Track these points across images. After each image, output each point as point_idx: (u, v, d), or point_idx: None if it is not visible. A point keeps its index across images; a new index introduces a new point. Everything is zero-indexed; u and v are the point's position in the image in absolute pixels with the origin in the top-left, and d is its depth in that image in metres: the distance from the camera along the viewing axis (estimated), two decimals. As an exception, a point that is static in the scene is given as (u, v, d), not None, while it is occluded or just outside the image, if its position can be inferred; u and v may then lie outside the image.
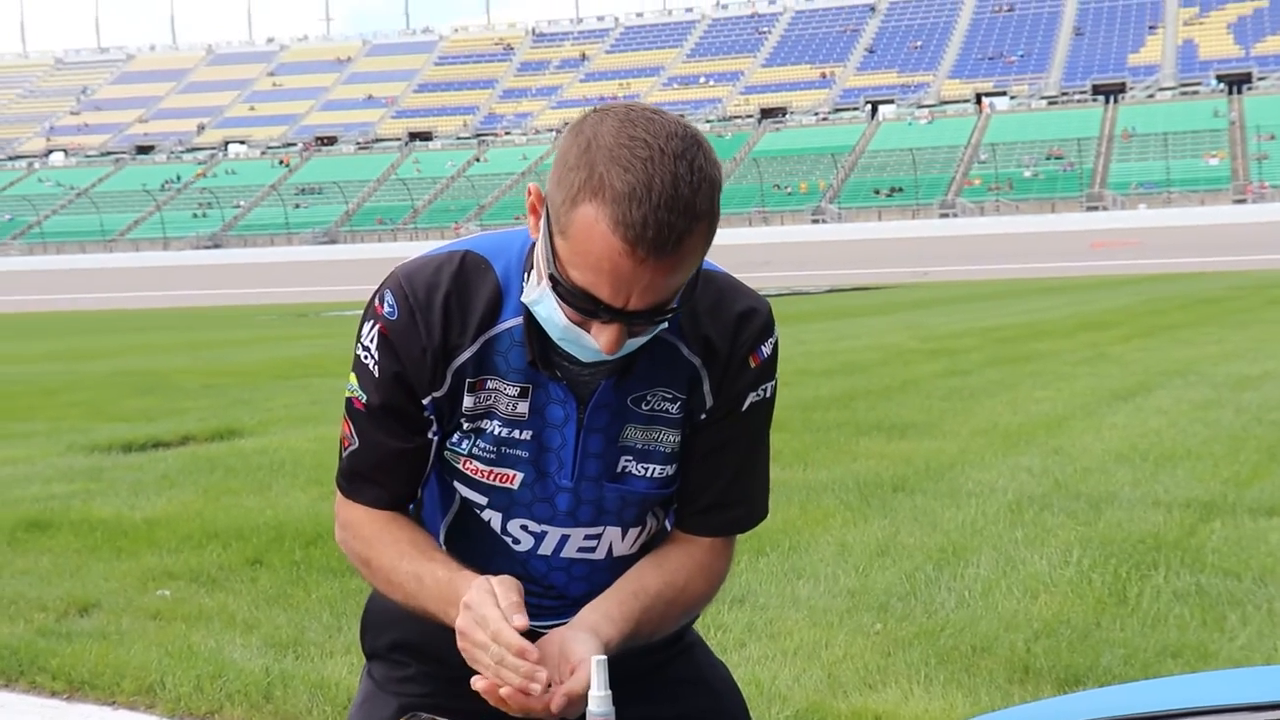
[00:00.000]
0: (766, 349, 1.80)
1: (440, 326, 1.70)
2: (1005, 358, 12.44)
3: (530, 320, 1.70)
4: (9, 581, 5.16)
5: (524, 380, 1.73)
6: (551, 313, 1.59)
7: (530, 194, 1.61)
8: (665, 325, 1.63)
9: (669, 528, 1.92)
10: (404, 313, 1.70)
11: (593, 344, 1.59)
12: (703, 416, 1.80)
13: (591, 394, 1.74)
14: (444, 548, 1.84)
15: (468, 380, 1.73)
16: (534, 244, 1.69)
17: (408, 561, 1.74)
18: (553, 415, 1.75)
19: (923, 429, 8.30)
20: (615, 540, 1.85)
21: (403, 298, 1.71)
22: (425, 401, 1.73)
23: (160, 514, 6.33)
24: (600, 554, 1.85)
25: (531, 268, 1.67)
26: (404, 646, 1.92)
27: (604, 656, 1.55)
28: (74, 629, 4.51)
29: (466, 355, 1.72)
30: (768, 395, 1.83)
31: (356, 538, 1.81)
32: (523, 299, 1.67)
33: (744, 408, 1.81)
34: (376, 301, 1.74)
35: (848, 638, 4.15)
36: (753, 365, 1.79)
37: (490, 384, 1.74)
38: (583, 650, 1.61)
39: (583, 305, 1.54)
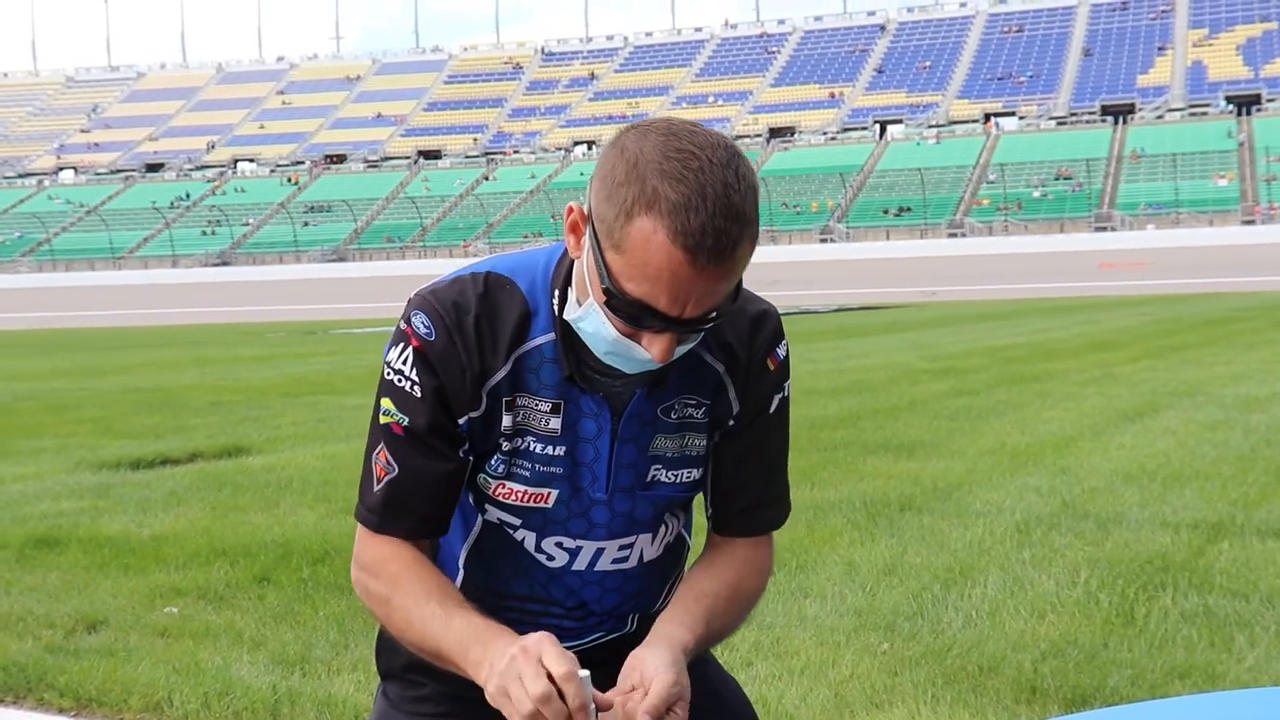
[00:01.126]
0: (782, 350, 1.85)
1: (476, 348, 1.71)
2: (1013, 377, 12.43)
3: (565, 335, 1.72)
4: (17, 598, 5.17)
5: (556, 396, 1.75)
6: (599, 328, 1.62)
7: (570, 213, 1.63)
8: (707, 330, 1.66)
9: (681, 530, 1.96)
10: (441, 333, 1.71)
11: (643, 355, 1.62)
12: (730, 423, 1.84)
13: (625, 405, 1.77)
14: (464, 571, 1.85)
15: (504, 399, 1.75)
16: (561, 261, 1.73)
17: (436, 603, 1.71)
18: (585, 429, 1.77)
19: (930, 448, 8.29)
20: (646, 547, 1.88)
21: (438, 318, 1.72)
22: (461, 421, 1.74)
23: (168, 531, 6.34)
24: (632, 562, 1.88)
25: (564, 285, 1.71)
26: (420, 667, 1.92)
27: (587, 672, 1.57)
28: (82, 646, 4.51)
29: (501, 375, 1.74)
30: (788, 394, 1.89)
31: (380, 575, 1.76)
32: (565, 316, 1.69)
33: (771, 409, 1.86)
34: (405, 325, 1.74)
35: (855, 657, 4.15)
36: (771, 368, 1.83)
37: (521, 401, 1.76)
38: (653, 666, 1.62)
39: (639, 316, 1.56)
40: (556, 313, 1.72)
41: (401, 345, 1.74)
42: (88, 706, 3.99)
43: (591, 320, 1.63)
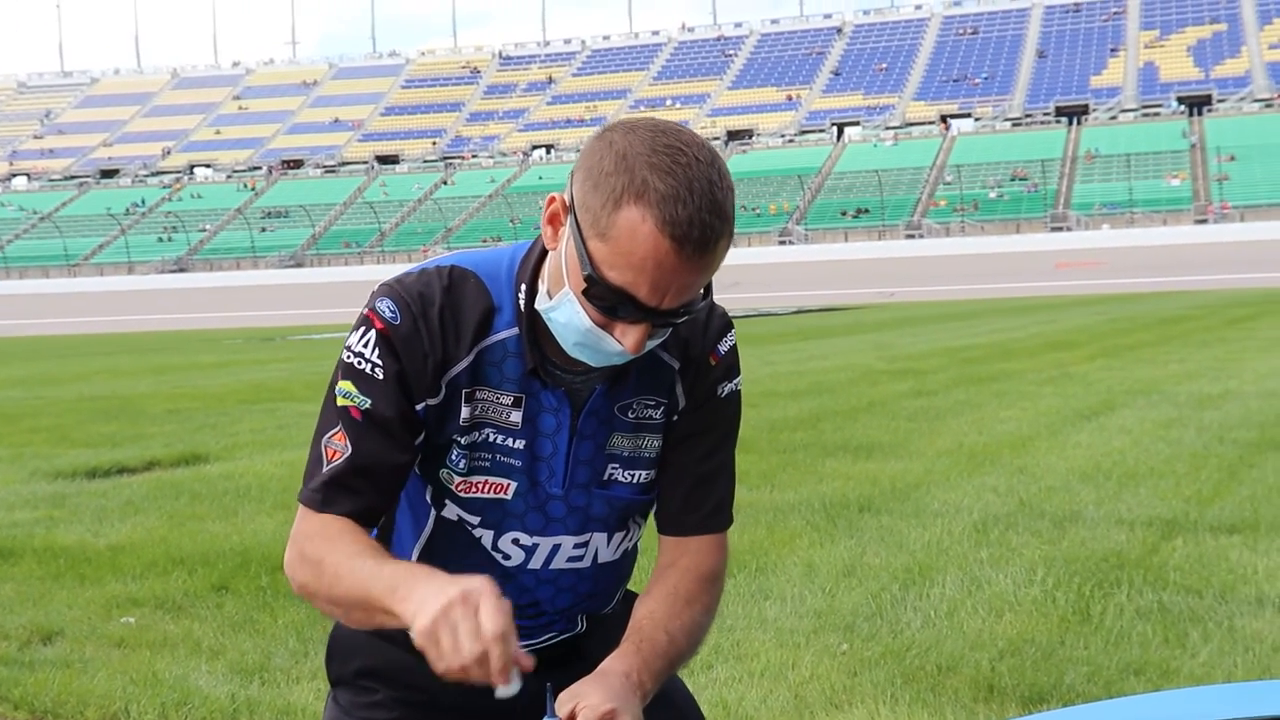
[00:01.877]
0: (724, 345, 1.87)
1: (439, 336, 1.73)
2: (971, 378, 12.52)
3: (531, 330, 1.74)
4: (-29, 610, 5.11)
5: (518, 390, 1.77)
6: (573, 317, 1.64)
7: (551, 203, 1.65)
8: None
9: (638, 538, 1.97)
10: (406, 318, 1.73)
11: (614, 346, 1.64)
12: (675, 417, 1.86)
13: (584, 402, 1.79)
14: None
15: (463, 390, 1.76)
16: (527, 257, 1.76)
17: (369, 557, 1.68)
18: (545, 424, 1.79)
19: (889, 449, 8.34)
20: (601, 547, 1.90)
21: (404, 305, 1.73)
22: (419, 407, 1.75)
23: (125, 540, 6.29)
24: (587, 562, 1.89)
25: (531, 279, 1.74)
26: (371, 673, 1.92)
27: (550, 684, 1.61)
28: (37, 658, 4.47)
29: (462, 366, 1.75)
30: (737, 389, 1.91)
31: (316, 539, 1.73)
32: (536, 307, 1.71)
33: (715, 400, 1.88)
34: (370, 310, 1.75)
35: (814, 658, 4.16)
36: (713, 363, 1.86)
37: (481, 394, 1.77)
38: (598, 697, 1.63)
39: (617, 306, 1.59)
40: (522, 307, 1.74)
41: (364, 329, 1.75)
42: (44, 718, 3.95)
43: (565, 310, 1.65)
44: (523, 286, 1.75)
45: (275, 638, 4.60)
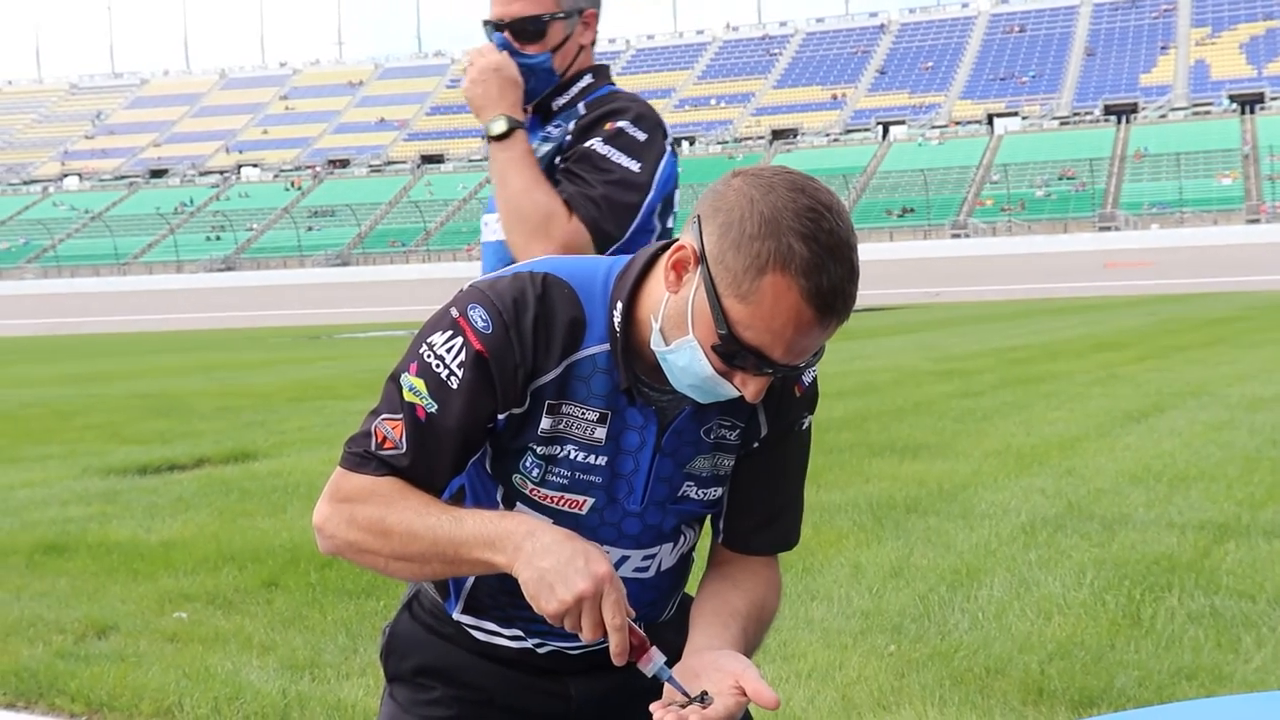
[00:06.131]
0: (808, 377, 1.88)
1: (531, 347, 1.71)
2: (1018, 379, 12.44)
3: (625, 349, 1.73)
4: (27, 604, 5.19)
5: (604, 406, 1.76)
6: (693, 364, 1.64)
7: (681, 249, 1.64)
8: None
9: (694, 541, 1.98)
10: (499, 328, 1.70)
11: (732, 392, 1.66)
12: (755, 445, 1.87)
13: (671, 421, 1.79)
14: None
15: (547, 402, 1.75)
16: (624, 275, 1.74)
17: (439, 510, 1.68)
18: (628, 442, 1.79)
19: (936, 450, 8.30)
20: (665, 557, 1.91)
21: (496, 313, 1.70)
22: (501, 416, 1.73)
23: (176, 536, 6.36)
24: (651, 572, 1.90)
25: (628, 300, 1.72)
26: (429, 671, 1.93)
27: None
28: (92, 651, 4.53)
29: (550, 377, 1.73)
30: (813, 418, 1.94)
31: (370, 501, 1.71)
32: (652, 347, 1.70)
33: (802, 429, 1.91)
34: (461, 316, 1.71)
35: (861, 659, 4.16)
36: (797, 394, 1.87)
37: (566, 409, 1.76)
38: (736, 662, 1.66)
39: (751, 364, 1.61)
40: (616, 326, 1.73)
41: (450, 333, 1.71)
42: (99, 711, 4.00)
43: (685, 355, 1.65)
44: (619, 305, 1.73)
45: (325, 634, 4.64)
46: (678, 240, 1.66)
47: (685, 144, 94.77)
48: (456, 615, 1.90)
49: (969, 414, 9.94)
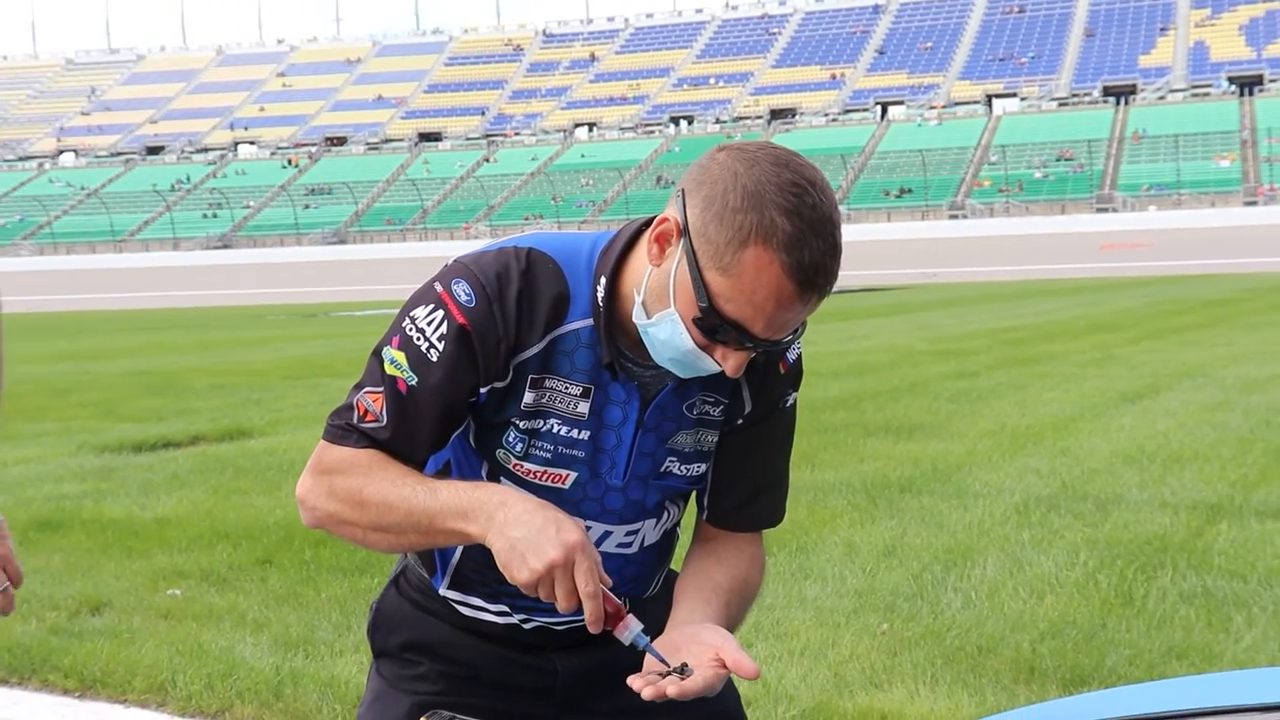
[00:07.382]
0: (793, 354, 1.89)
1: (515, 321, 1.71)
2: (1014, 359, 12.45)
3: (607, 323, 1.73)
4: (21, 580, 5.19)
5: (588, 381, 1.76)
6: (674, 337, 1.64)
7: (664, 222, 1.64)
8: None
9: (678, 517, 1.98)
10: (481, 301, 1.70)
11: (712, 366, 1.66)
12: (740, 421, 1.86)
13: (654, 395, 1.79)
14: (463, 546, 1.85)
15: (530, 376, 1.75)
16: (608, 250, 1.74)
17: (414, 480, 1.69)
18: (610, 416, 1.79)
19: (930, 430, 8.31)
20: (649, 533, 1.90)
21: (480, 287, 1.71)
22: (483, 390, 1.73)
23: (171, 514, 6.37)
24: (634, 548, 1.90)
25: (611, 274, 1.72)
26: (416, 646, 1.94)
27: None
28: (86, 628, 4.54)
29: (533, 351, 1.73)
30: (798, 395, 1.94)
31: (349, 472, 1.72)
32: (634, 320, 1.70)
33: (781, 409, 1.90)
34: (444, 290, 1.72)
35: (854, 638, 4.17)
36: (781, 370, 1.87)
37: (549, 383, 1.76)
38: (716, 635, 1.67)
39: (729, 337, 1.60)
40: (600, 301, 1.73)
41: (432, 307, 1.71)
42: (92, 688, 4.01)
43: (666, 328, 1.65)
44: (602, 279, 1.73)
45: (319, 611, 4.65)
46: (662, 214, 1.65)
47: (684, 123, 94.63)
48: (443, 591, 1.90)
49: (964, 394, 9.95)
